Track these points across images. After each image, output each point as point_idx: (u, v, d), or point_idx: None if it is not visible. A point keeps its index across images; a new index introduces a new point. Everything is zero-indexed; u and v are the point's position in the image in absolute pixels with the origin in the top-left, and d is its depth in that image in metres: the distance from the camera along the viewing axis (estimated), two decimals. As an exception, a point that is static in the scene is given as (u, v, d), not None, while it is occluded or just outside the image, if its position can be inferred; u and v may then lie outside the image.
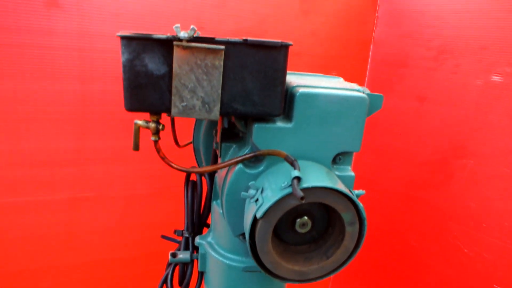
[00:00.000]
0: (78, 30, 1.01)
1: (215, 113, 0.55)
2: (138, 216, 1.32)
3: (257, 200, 0.54)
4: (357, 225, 0.54)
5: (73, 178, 1.18)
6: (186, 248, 0.91)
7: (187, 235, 0.89)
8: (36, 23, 0.97)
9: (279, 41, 0.52)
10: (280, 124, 0.59)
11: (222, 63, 0.51)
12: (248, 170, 0.62)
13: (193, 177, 0.88)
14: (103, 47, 1.06)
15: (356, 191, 0.57)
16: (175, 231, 0.92)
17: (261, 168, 0.62)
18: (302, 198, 0.46)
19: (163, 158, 0.58)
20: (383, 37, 1.60)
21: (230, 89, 0.54)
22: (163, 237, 0.97)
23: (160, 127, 0.56)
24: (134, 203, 1.30)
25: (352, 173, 0.63)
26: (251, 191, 0.56)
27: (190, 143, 0.97)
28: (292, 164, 0.54)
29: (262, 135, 0.59)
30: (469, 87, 1.32)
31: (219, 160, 0.70)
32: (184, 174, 0.96)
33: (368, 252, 1.76)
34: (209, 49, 0.50)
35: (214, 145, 0.76)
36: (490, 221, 1.30)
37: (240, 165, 0.62)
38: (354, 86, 0.69)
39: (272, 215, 0.52)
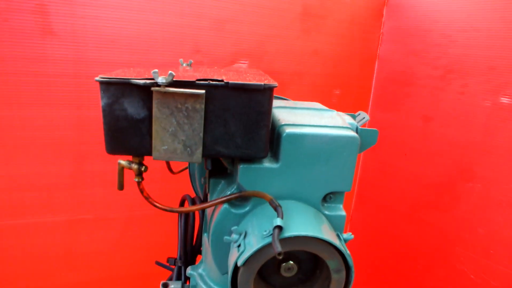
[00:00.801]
0: (74, 57, 1.02)
1: (197, 156, 0.54)
2: (136, 238, 1.32)
3: (239, 245, 0.52)
4: (344, 273, 0.52)
5: (71, 200, 1.19)
6: (178, 277, 0.90)
7: (180, 264, 0.88)
8: (31, 51, 0.98)
9: (262, 83, 0.51)
10: (266, 164, 0.58)
11: (203, 106, 0.50)
12: (234, 210, 0.60)
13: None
14: (99, 73, 1.06)
15: (345, 235, 0.55)
16: (168, 259, 0.92)
17: (247, 208, 0.60)
18: (279, 254, 0.44)
19: (147, 198, 0.58)
20: (388, 55, 1.58)
21: (213, 132, 0.53)
22: (158, 263, 0.97)
23: (143, 168, 0.55)
24: (131, 224, 1.30)
25: (343, 213, 0.61)
26: (234, 236, 0.54)
27: (185, 169, 0.96)
28: (276, 210, 0.52)
29: (248, 175, 0.57)
30: (477, 108, 1.28)
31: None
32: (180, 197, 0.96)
33: (372, 273, 1.71)
34: (189, 93, 0.49)
35: (203, 180, 0.75)
36: (498, 248, 1.25)
37: (225, 205, 0.60)
38: (347, 119, 0.67)
39: (253, 263, 0.51)
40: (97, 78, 0.49)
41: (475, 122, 1.29)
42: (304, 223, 0.52)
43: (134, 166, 0.55)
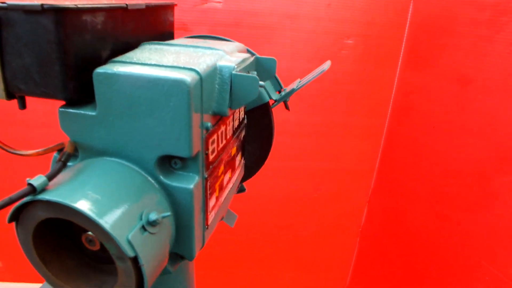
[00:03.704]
0: None
1: (1, 94, 0.49)
2: None
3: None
4: (129, 263, 0.42)
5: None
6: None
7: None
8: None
9: (40, 3, 0.41)
10: (84, 110, 0.49)
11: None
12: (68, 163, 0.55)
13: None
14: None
15: (153, 215, 0.44)
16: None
17: (78, 161, 0.53)
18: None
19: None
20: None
21: (10, 64, 0.46)
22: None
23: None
24: None
25: (189, 186, 0.49)
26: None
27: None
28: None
29: (67, 121, 0.49)
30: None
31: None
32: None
33: (375, 272, 1.51)
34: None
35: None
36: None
37: (55, 155, 0.55)
38: (228, 59, 0.53)
39: (24, 220, 0.44)
40: None
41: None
42: (78, 188, 0.42)
43: None
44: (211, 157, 0.54)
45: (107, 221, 0.40)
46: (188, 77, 0.43)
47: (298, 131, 1.43)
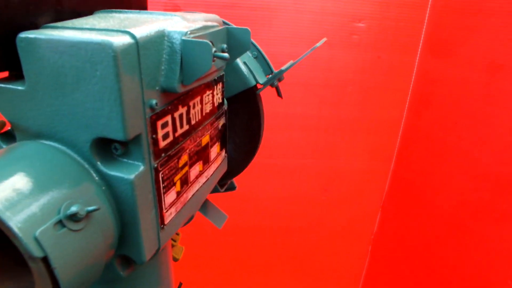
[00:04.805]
0: None
1: None
2: None
3: None
4: (41, 265, 0.36)
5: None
6: None
7: None
8: None
9: None
10: (12, 85, 0.43)
11: None
12: (3, 144, 0.50)
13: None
14: None
15: (75, 208, 0.37)
16: None
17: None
18: None
19: None
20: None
21: None
22: None
23: None
24: None
25: (130, 176, 0.42)
26: None
27: None
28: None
29: (0, 97, 0.45)
30: None
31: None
32: None
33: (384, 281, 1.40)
34: None
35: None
36: None
37: None
38: (177, 21, 0.46)
39: None
40: None
41: None
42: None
43: None
44: (162, 143, 0.47)
45: (11, 214, 0.34)
46: (116, 40, 0.36)
47: (304, 125, 1.35)
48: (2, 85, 0.43)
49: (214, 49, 0.47)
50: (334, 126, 1.38)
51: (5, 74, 0.47)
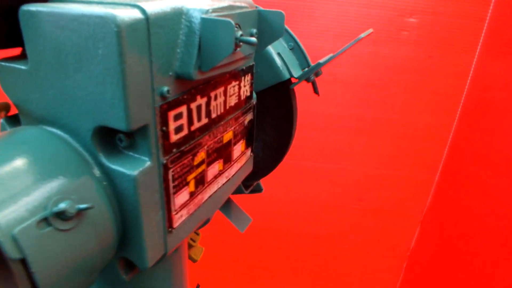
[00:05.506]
0: None
1: None
2: None
3: None
4: (21, 267, 0.32)
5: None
6: None
7: None
8: None
9: None
10: (16, 64, 0.40)
11: None
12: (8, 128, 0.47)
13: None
14: None
15: (63, 204, 0.33)
16: None
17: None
18: None
19: None
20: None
21: None
22: None
23: None
24: None
25: (132, 172, 0.37)
26: None
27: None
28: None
29: (3, 77, 0.42)
30: None
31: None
32: None
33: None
34: None
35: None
36: None
37: (2, 121, 0.48)
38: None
39: None
40: None
41: None
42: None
43: None
44: (174, 137, 0.42)
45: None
46: (121, 13, 0.32)
47: (342, 127, 1.27)
48: (5, 64, 0.40)
49: (240, 32, 0.42)
50: (375, 130, 1.29)
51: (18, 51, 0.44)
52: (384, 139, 1.31)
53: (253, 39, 0.41)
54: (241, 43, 0.42)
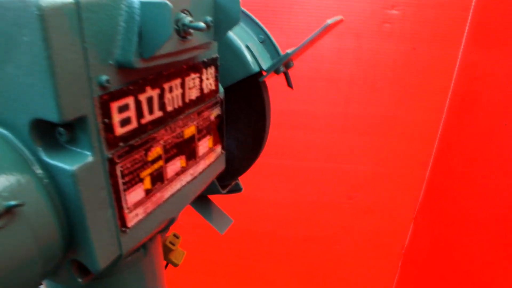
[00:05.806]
0: None
1: None
2: None
3: None
4: None
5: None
6: None
7: None
8: None
9: None
10: None
11: None
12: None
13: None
14: None
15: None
16: None
17: None
18: None
19: None
20: None
21: None
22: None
23: None
24: None
25: (71, 167, 0.36)
26: None
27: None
28: None
29: None
30: None
31: None
32: None
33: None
34: None
35: None
36: None
37: None
38: None
39: None
40: None
41: None
42: None
43: None
44: (120, 130, 0.40)
45: None
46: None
47: (328, 126, 1.26)
48: None
49: (189, 19, 0.40)
50: (362, 127, 1.27)
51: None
52: (372, 136, 1.30)
53: (201, 24, 0.39)
54: (189, 30, 0.40)
